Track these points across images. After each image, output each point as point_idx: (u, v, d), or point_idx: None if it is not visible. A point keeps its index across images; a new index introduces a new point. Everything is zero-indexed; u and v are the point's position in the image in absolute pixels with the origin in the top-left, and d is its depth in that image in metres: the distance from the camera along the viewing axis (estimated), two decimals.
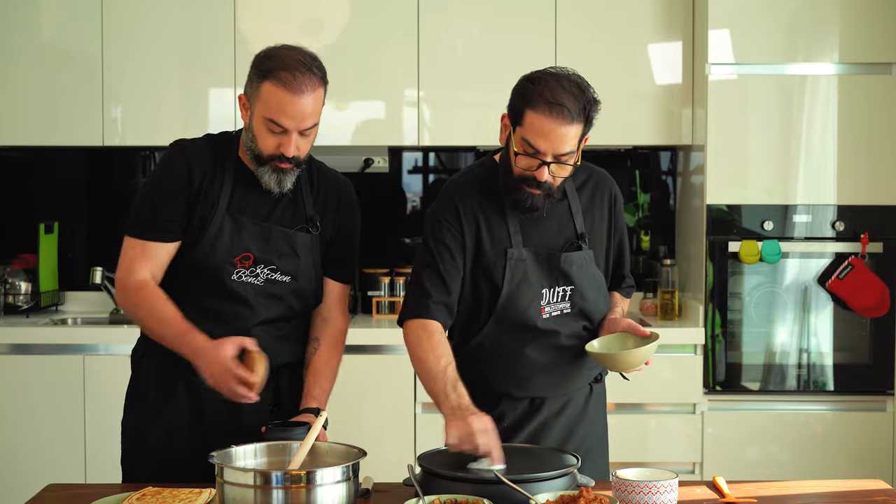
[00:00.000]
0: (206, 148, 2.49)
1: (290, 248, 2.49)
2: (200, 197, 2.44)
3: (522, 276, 2.41)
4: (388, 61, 4.30)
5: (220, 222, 2.44)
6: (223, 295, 2.46)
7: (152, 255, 2.44)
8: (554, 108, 2.26)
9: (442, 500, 2.02)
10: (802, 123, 4.07)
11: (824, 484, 2.41)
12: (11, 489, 4.04)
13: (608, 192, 2.54)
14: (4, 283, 4.50)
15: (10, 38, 4.33)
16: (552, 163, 2.29)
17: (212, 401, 2.46)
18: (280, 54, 2.41)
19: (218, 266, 2.44)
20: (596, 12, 4.29)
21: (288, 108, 2.36)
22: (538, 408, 2.49)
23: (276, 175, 2.42)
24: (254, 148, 2.42)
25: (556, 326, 2.44)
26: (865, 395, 4.11)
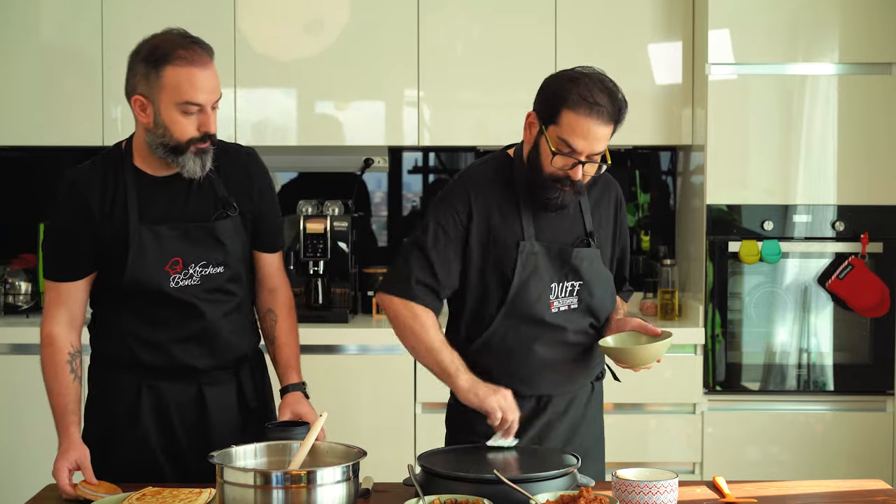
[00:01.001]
0: (98, 170, 2.47)
1: (213, 239, 2.47)
2: (108, 220, 2.42)
3: (533, 270, 2.42)
4: (388, 61, 4.30)
5: (139, 237, 2.42)
6: (167, 304, 2.45)
7: (66, 296, 2.46)
8: (594, 108, 2.28)
9: (442, 500, 2.02)
10: (802, 123, 4.07)
11: (824, 484, 2.41)
12: (11, 489, 4.04)
13: (614, 193, 2.58)
14: (4, 283, 4.49)
15: (10, 37, 4.33)
16: (586, 162, 2.32)
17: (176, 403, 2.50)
18: (164, 40, 2.39)
19: (152, 279, 2.43)
20: (596, 12, 4.29)
21: (198, 83, 2.34)
22: (544, 407, 2.50)
23: (198, 158, 2.39)
24: (168, 141, 2.38)
25: (564, 322, 2.46)
26: (865, 395, 4.11)
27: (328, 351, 4.08)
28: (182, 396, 2.50)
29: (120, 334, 2.48)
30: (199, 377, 2.51)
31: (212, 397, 2.52)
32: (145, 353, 2.47)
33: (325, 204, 4.35)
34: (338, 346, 4.08)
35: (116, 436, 2.50)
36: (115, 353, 2.50)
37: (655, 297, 4.43)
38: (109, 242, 2.42)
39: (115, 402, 2.51)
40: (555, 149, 2.32)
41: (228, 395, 2.55)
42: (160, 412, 2.50)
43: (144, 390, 2.49)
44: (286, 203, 4.76)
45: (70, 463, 2.35)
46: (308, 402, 2.59)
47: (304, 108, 4.33)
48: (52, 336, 2.44)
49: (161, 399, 2.49)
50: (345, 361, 4.09)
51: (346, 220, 4.28)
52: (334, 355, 4.09)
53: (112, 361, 2.51)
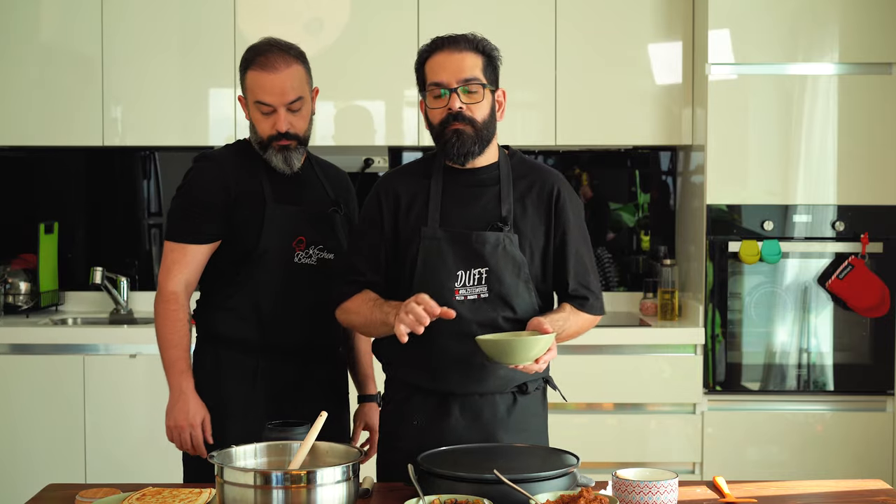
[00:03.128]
0: (231, 155, 2.72)
1: (329, 227, 2.71)
2: (241, 197, 2.64)
3: (436, 256, 2.41)
4: (388, 61, 4.30)
5: (273, 213, 2.64)
6: (290, 279, 2.64)
7: (190, 258, 2.64)
8: (445, 42, 2.43)
9: (442, 500, 2.02)
10: (802, 123, 4.07)
11: (824, 484, 2.41)
12: (11, 489, 4.04)
13: (549, 186, 2.49)
14: (4, 283, 4.50)
15: (10, 38, 4.33)
16: (457, 88, 2.39)
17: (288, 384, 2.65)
18: (256, 45, 2.67)
19: (281, 250, 2.63)
20: (596, 12, 4.29)
21: (267, 86, 2.60)
22: (447, 408, 2.44)
23: (281, 154, 2.64)
24: (256, 137, 2.66)
25: (469, 312, 2.40)
26: (865, 395, 4.11)
27: None
28: (293, 376, 2.66)
29: (245, 313, 2.64)
30: (307, 357, 2.67)
31: (318, 377, 2.70)
32: (269, 331, 2.64)
33: None
34: None
35: (229, 417, 2.60)
36: (237, 334, 2.64)
37: (655, 297, 4.43)
38: (243, 219, 2.63)
39: (231, 383, 2.64)
40: (429, 95, 2.43)
41: (326, 381, 2.74)
42: (274, 392, 2.63)
43: (261, 371, 2.64)
44: None
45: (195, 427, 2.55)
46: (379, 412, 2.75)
47: None
48: (177, 293, 2.63)
49: (275, 379, 2.64)
50: None
51: None
52: None
53: (232, 342, 2.65)
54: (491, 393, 2.46)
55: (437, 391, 2.45)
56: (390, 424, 2.54)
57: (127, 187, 4.79)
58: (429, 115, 2.45)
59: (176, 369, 2.59)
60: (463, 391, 2.44)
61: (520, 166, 2.51)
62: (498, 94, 2.48)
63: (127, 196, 4.78)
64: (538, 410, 2.55)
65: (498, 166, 2.49)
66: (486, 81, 2.42)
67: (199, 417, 2.58)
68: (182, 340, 2.62)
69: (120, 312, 4.50)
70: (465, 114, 2.39)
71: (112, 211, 4.78)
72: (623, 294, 4.68)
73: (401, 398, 2.51)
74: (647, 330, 4.14)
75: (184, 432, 2.57)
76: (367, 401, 2.86)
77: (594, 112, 4.31)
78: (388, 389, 2.58)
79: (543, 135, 4.32)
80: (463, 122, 2.40)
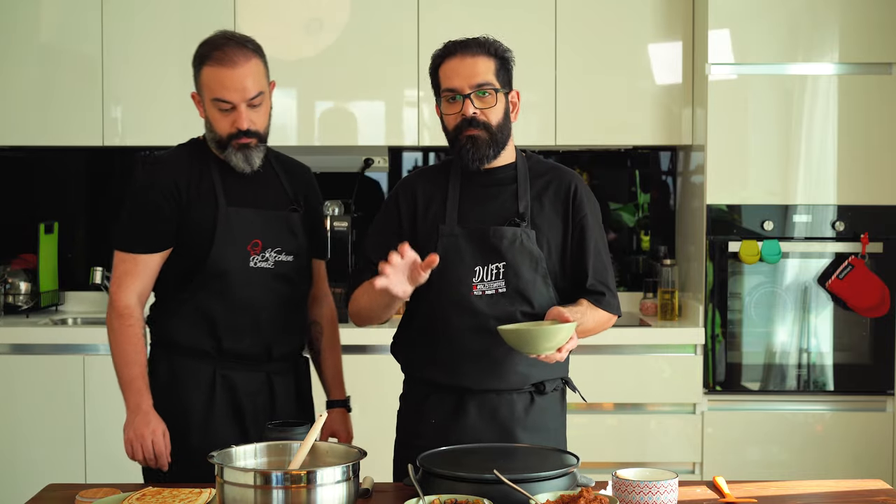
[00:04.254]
0: (184, 156, 2.60)
1: (287, 228, 2.61)
2: (192, 202, 2.54)
3: (454, 252, 2.44)
4: (388, 61, 4.30)
5: (226, 216, 2.53)
6: (245, 285, 2.55)
7: (142, 268, 2.55)
8: (457, 46, 2.45)
9: (442, 500, 2.02)
10: (802, 123, 4.07)
11: (824, 484, 2.41)
12: (11, 489, 4.04)
13: (566, 184, 2.52)
14: (4, 283, 4.50)
15: (10, 38, 4.33)
16: (471, 94, 2.40)
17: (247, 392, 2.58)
18: (211, 39, 2.55)
19: (235, 256, 2.53)
20: (596, 12, 4.29)
21: (227, 82, 2.48)
22: (464, 405, 2.46)
23: (241, 153, 2.53)
24: (213, 135, 2.54)
25: (487, 307, 2.42)
26: (865, 395, 4.11)
27: None
28: (252, 384, 2.58)
29: (198, 320, 2.55)
30: (267, 366, 2.59)
31: (279, 386, 2.61)
32: (225, 336, 2.54)
33: (325, 204, 4.36)
34: None
35: (189, 427, 2.52)
36: (191, 341, 2.56)
37: (655, 297, 4.43)
38: (196, 223, 2.53)
39: (189, 391, 2.55)
40: (444, 100, 2.46)
41: (289, 386, 2.66)
42: (233, 400, 2.56)
43: (219, 378, 2.55)
44: None
45: (156, 434, 2.44)
46: (349, 417, 2.77)
47: (304, 108, 4.34)
48: (130, 307, 2.53)
49: (234, 387, 2.56)
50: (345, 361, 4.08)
51: (346, 220, 4.28)
52: None
53: (187, 350, 2.56)
54: (508, 391, 2.47)
55: (454, 389, 2.46)
56: (409, 424, 2.56)
57: (127, 187, 4.79)
58: (444, 120, 2.47)
59: (133, 388, 2.49)
60: (480, 387, 2.45)
61: (537, 166, 2.55)
62: (512, 95, 2.50)
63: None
64: (556, 411, 2.56)
65: (515, 166, 2.51)
66: (500, 85, 2.43)
67: (160, 428, 2.47)
68: (139, 357, 2.51)
69: None
70: (479, 119, 2.41)
71: (112, 211, 4.78)
72: (623, 294, 4.67)
73: (419, 398, 2.52)
74: (647, 330, 4.14)
75: (145, 441, 2.44)
76: (335, 406, 2.77)
77: (594, 112, 4.31)
78: (406, 389, 2.60)
79: (543, 135, 4.32)
80: (477, 127, 2.41)
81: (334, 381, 2.79)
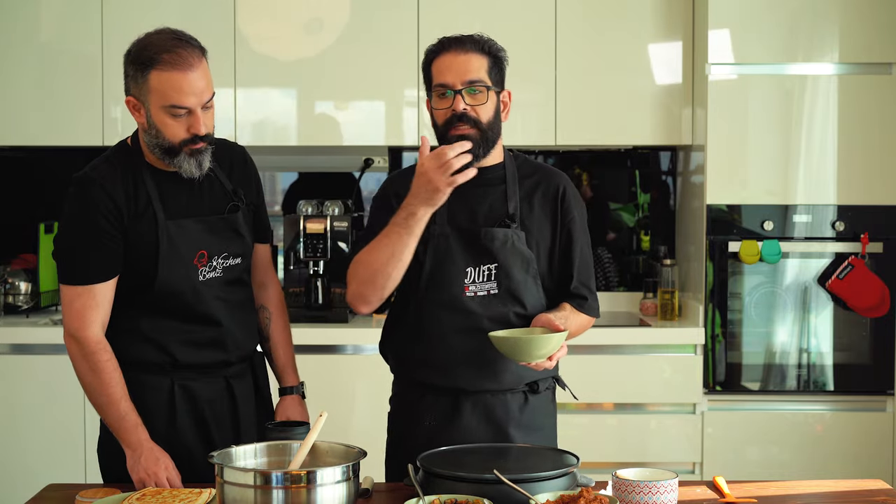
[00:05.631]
0: (118, 169, 2.45)
1: (232, 230, 2.51)
2: (132, 219, 2.41)
3: (445, 253, 2.44)
4: (388, 61, 4.30)
5: (167, 232, 2.42)
6: (196, 298, 2.46)
7: (100, 298, 2.41)
8: (451, 42, 2.44)
9: (442, 500, 2.02)
10: (802, 123, 4.07)
11: (824, 484, 2.41)
12: (11, 489, 4.04)
13: (555, 186, 2.51)
14: (4, 283, 4.49)
15: (10, 38, 4.33)
16: (462, 90, 2.39)
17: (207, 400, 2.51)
18: (152, 41, 2.38)
19: (184, 273, 2.44)
20: (596, 12, 4.29)
21: (185, 87, 2.32)
22: (459, 407, 2.46)
23: (193, 159, 2.39)
24: (161, 143, 2.37)
25: (479, 307, 2.42)
26: (865, 395, 4.11)
27: (327, 351, 4.08)
28: (212, 392, 2.52)
29: (151, 336, 2.46)
30: (226, 370, 2.53)
31: (238, 390, 2.56)
32: (179, 352, 2.46)
33: (325, 204, 4.35)
34: (337, 346, 4.08)
35: (154, 439, 2.42)
36: (146, 357, 2.46)
37: (655, 297, 4.43)
38: (138, 241, 2.41)
39: (149, 406, 2.46)
40: (435, 96, 2.45)
41: (248, 387, 2.60)
42: (194, 410, 2.50)
43: (178, 390, 2.48)
44: (286, 203, 4.77)
45: (169, 470, 2.34)
46: (303, 403, 2.66)
47: (304, 108, 4.34)
48: (100, 341, 2.41)
49: (194, 397, 2.50)
50: (344, 361, 4.09)
51: (346, 220, 4.28)
52: (334, 355, 4.09)
53: (142, 365, 2.47)
54: (502, 391, 2.47)
55: (448, 390, 2.46)
56: (401, 426, 2.56)
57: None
58: (434, 115, 2.46)
59: (127, 425, 2.37)
60: (474, 388, 2.45)
61: (525, 166, 2.54)
62: (503, 94, 2.49)
63: None
64: (549, 410, 2.57)
65: (503, 166, 2.51)
66: (492, 83, 2.42)
67: (170, 463, 2.37)
68: (124, 391, 2.39)
69: None
70: (469, 115, 2.39)
71: None
72: (623, 294, 4.68)
73: (411, 399, 2.52)
74: (647, 330, 4.14)
75: (160, 479, 2.33)
76: (287, 393, 2.68)
77: (594, 112, 4.31)
78: (397, 390, 2.60)
79: (543, 135, 4.32)
80: (467, 123, 2.39)
81: (286, 368, 2.68)
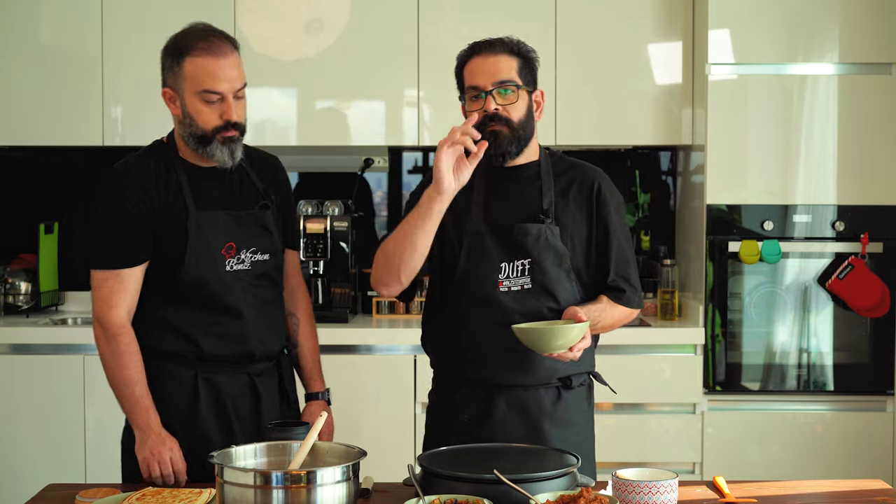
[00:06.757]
0: (150, 162, 2.52)
1: (260, 226, 2.56)
2: (163, 209, 2.47)
3: (480, 249, 2.47)
4: (388, 61, 4.30)
5: (197, 222, 2.48)
6: (223, 289, 2.50)
7: (127, 284, 2.46)
8: (481, 46, 2.47)
9: (442, 500, 2.02)
10: (802, 123, 4.07)
11: (824, 484, 2.41)
12: (11, 489, 4.04)
13: (591, 181, 2.54)
14: (4, 283, 4.50)
15: (10, 38, 4.33)
16: (493, 90, 2.42)
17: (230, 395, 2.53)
18: (187, 32, 2.51)
19: (210, 262, 2.48)
20: (596, 12, 4.29)
21: (218, 72, 2.43)
22: (493, 402, 2.48)
23: (226, 147, 2.46)
24: (195, 130, 2.46)
25: (513, 303, 2.45)
26: (865, 395, 4.11)
27: (328, 351, 4.05)
28: (235, 388, 2.54)
29: (178, 325, 2.50)
30: (250, 367, 2.55)
31: (263, 389, 2.57)
32: (205, 342, 2.49)
33: (325, 204, 4.36)
34: (337, 346, 4.07)
35: (174, 433, 2.46)
36: (172, 346, 2.51)
37: (655, 297, 4.43)
38: (168, 231, 2.47)
39: (172, 396, 2.50)
40: (467, 98, 2.48)
41: (273, 388, 2.62)
42: (217, 404, 2.52)
43: (202, 382, 2.51)
44: None
45: (174, 452, 2.39)
46: (329, 409, 2.70)
47: (304, 108, 4.34)
48: (123, 325, 2.46)
49: (218, 390, 2.52)
50: (344, 361, 4.09)
51: (347, 220, 4.28)
52: (334, 355, 4.08)
53: (168, 355, 2.51)
54: (535, 386, 2.49)
55: (483, 384, 2.49)
56: (441, 420, 2.58)
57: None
58: (468, 117, 2.46)
59: (140, 408, 2.44)
60: (509, 382, 2.48)
61: (560, 163, 2.57)
62: (536, 94, 2.51)
63: None
64: (583, 406, 2.58)
65: (539, 164, 2.54)
66: (522, 83, 2.45)
67: (176, 446, 2.42)
68: (141, 376, 2.45)
69: None
70: (500, 115, 2.42)
71: None
72: None
73: (449, 392, 2.55)
74: (647, 330, 4.14)
75: (163, 460, 2.39)
76: (313, 399, 2.73)
77: (594, 112, 4.31)
78: (436, 384, 2.63)
79: (543, 135, 4.27)
80: (499, 122, 2.42)
81: (313, 374, 2.74)
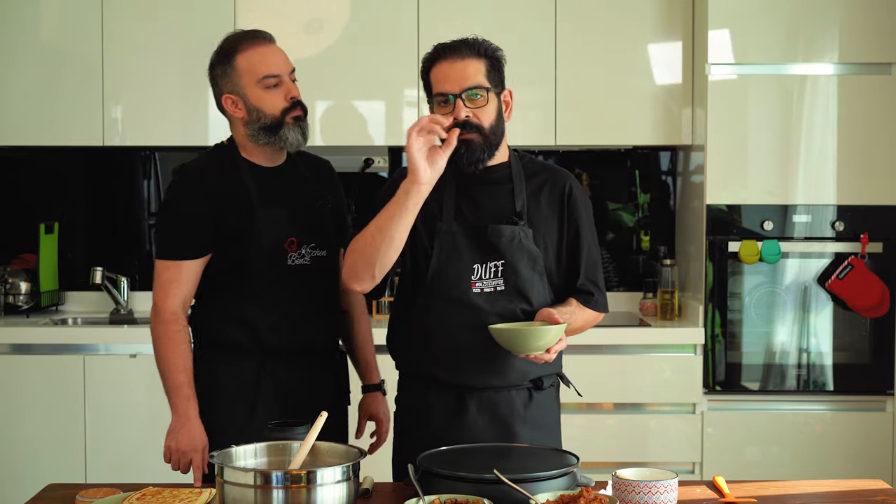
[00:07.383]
0: (212, 163, 2.64)
1: (319, 223, 2.66)
2: (227, 205, 2.57)
3: (452, 250, 2.46)
4: (388, 61, 4.30)
5: (261, 217, 2.57)
6: (285, 283, 2.59)
7: (185, 275, 2.57)
8: (446, 50, 2.44)
9: (442, 500, 2.02)
10: (802, 123, 4.07)
11: (824, 484, 2.41)
12: (11, 489, 4.04)
13: (562, 184, 2.53)
14: (4, 283, 4.50)
15: (10, 38, 4.33)
16: (461, 94, 2.40)
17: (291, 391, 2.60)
18: (226, 39, 2.64)
19: (273, 255, 2.58)
20: (596, 12, 4.29)
21: (269, 57, 2.58)
22: (465, 404, 2.46)
23: (297, 127, 2.59)
24: (265, 120, 2.57)
25: (486, 304, 2.44)
26: (865, 395, 4.11)
27: None
28: (294, 382, 2.61)
29: (239, 318, 2.59)
30: (308, 360, 2.63)
31: (320, 380, 2.65)
32: (266, 335, 2.57)
33: None
34: None
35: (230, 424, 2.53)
36: (234, 338, 2.59)
37: (655, 297, 4.43)
38: (231, 227, 2.56)
39: (233, 389, 2.58)
40: (436, 105, 2.47)
41: (330, 379, 2.70)
42: (278, 397, 2.58)
43: (263, 375, 2.59)
44: None
45: (197, 453, 2.47)
46: (385, 401, 2.86)
47: None
48: (175, 313, 2.56)
49: (277, 383, 2.59)
50: None
51: None
52: None
53: (229, 349, 2.59)
54: (507, 388, 2.48)
55: (453, 386, 2.47)
56: (408, 423, 2.56)
57: (127, 187, 4.79)
58: None
59: (181, 394, 2.52)
60: (480, 385, 2.46)
61: (530, 165, 2.56)
62: (504, 94, 2.50)
63: (127, 196, 4.77)
64: (552, 407, 2.58)
65: (509, 165, 2.52)
66: (491, 85, 2.43)
67: (203, 444, 2.50)
68: (186, 363, 2.54)
69: (120, 312, 4.50)
70: (471, 122, 2.41)
71: (112, 211, 4.78)
72: (623, 294, 4.68)
73: (417, 395, 2.53)
74: (647, 330, 4.15)
75: (185, 457, 2.49)
76: (371, 391, 2.85)
77: (594, 112, 4.31)
78: (403, 388, 2.60)
79: (543, 135, 4.32)
80: (470, 130, 2.41)
81: (368, 367, 2.86)
